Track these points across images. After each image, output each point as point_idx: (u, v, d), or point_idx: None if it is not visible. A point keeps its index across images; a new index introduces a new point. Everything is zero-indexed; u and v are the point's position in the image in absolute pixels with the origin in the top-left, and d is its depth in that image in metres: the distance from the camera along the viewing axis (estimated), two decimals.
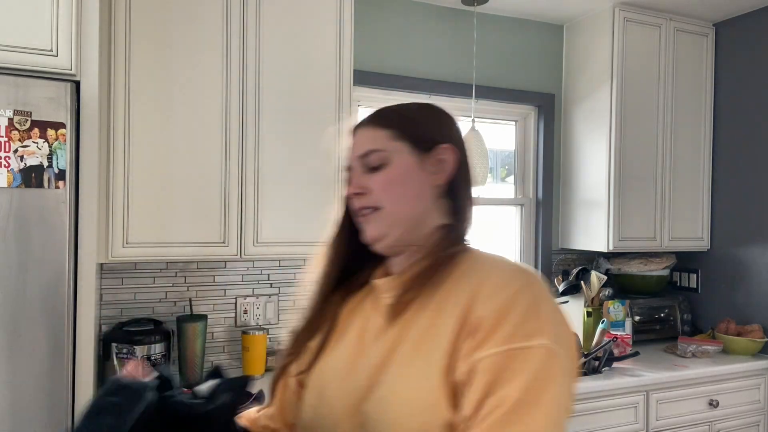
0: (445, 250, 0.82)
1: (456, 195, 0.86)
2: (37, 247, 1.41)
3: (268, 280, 2.36)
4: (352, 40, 2.15)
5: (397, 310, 0.79)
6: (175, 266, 2.20)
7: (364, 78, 2.49)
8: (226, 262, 2.27)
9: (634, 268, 2.86)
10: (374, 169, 0.84)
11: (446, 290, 0.77)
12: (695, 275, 2.93)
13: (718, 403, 2.41)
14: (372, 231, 0.84)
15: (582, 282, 2.75)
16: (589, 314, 2.69)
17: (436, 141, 0.85)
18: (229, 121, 1.96)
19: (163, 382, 0.75)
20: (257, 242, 2.00)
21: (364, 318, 0.86)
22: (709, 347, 2.56)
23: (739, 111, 2.78)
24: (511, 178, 3.01)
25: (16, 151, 1.38)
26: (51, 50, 1.46)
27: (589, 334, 2.65)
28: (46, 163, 1.41)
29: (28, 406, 1.40)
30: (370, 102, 2.60)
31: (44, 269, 1.41)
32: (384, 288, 0.85)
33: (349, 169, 0.89)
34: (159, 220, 1.87)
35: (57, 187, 1.42)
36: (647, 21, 2.71)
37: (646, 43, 2.71)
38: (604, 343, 2.36)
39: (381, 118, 0.87)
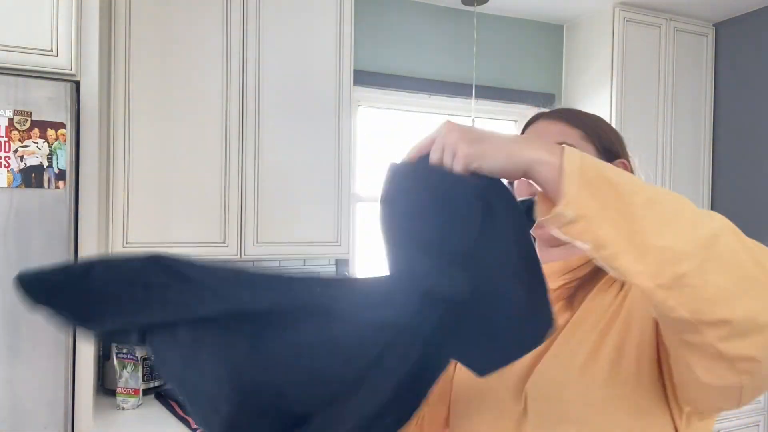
0: None
1: None
2: (37, 247, 1.40)
3: None
4: (352, 40, 2.15)
5: (578, 299, 0.83)
6: None
7: (364, 78, 2.49)
8: (226, 262, 2.27)
9: None
10: None
11: (609, 278, 0.83)
12: None
13: None
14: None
15: None
16: None
17: (616, 154, 0.89)
18: (229, 121, 1.96)
19: None
20: (257, 242, 2.00)
21: None
22: None
23: (739, 111, 2.78)
24: None
25: (16, 151, 1.38)
26: (51, 50, 1.46)
27: None
28: (46, 163, 1.41)
29: (28, 406, 1.40)
30: (370, 102, 2.60)
31: None
32: (549, 273, 0.88)
33: None
34: (159, 220, 1.87)
35: (57, 187, 1.42)
36: (647, 21, 2.71)
37: (646, 43, 2.71)
38: None
39: (571, 117, 0.89)
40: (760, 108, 2.69)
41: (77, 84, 1.49)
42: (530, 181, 0.60)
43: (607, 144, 0.88)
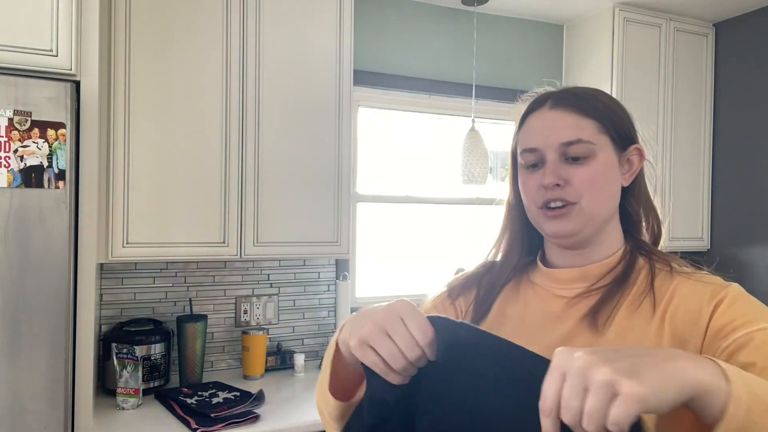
0: (635, 256, 0.82)
1: (637, 197, 0.85)
2: (37, 247, 1.41)
3: (268, 280, 2.36)
4: (352, 40, 2.15)
5: (602, 317, 0.76)
6: (175, 266, 2.20)
7: (364, 78, 2.49)
8: (226, 262, 2.27)
9: None
10: (574, 159, 0.78)
11: (636, 293, 0.77)
12: None
13: None
14: (565, 226, 0.79)
15: None
16: None
17: (630, 139, 0.83)
18: (229, 121, 1.96)
19: None
20: (257, 242, 2.00)
21: (529, 308, 0.84)
22: None
23: (739, 111, 2.78)
24: None
25: (16, 151, 1.38)
26: (51, 50, 1.46)
27: None
28: (46, 163, 1.40)
29: (28, 406, 1.40)
30: (370, 102, 2.60)
31: (44, 269, 1.41)
32: (565, 279, 0.83)
33: (536, 152, 0.81)
34: (159, 220, 1.87)
35: (57, 187, 1.42)
36: (647, 21, 2.71)
37: (646, 43, 2.71)
38: None
39: (586, 106, 0.81)
40: (760, 108, 2.69)
41: (77, 84, 1.49)
42: None
43: (622, 131, 0.82)
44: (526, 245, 0.91)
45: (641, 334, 0.73)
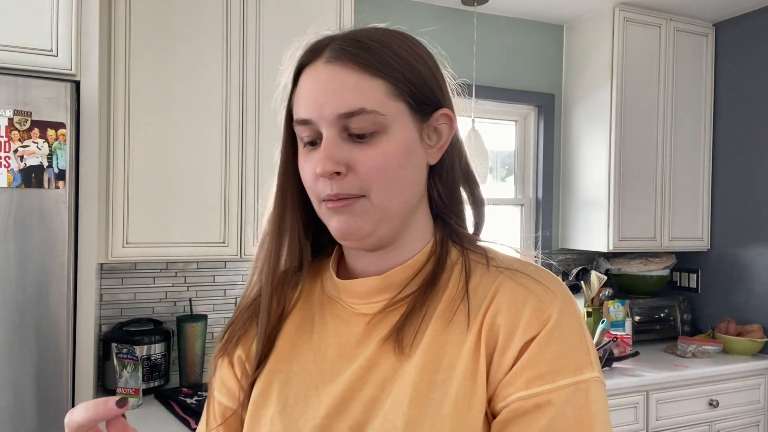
0: (446, 249, 0.64)
1: (446, 178, 0.67)
2: (37, 247, 1.41)
3: None
4: None
5: (408, 335, 0.59)
6: (175, 266, 2.20)
7: None
8: (226, 262, 2.27)
9: (634, 268, 2.86)
10: (359, 137, 0.58)
11: (449, 298, 0.61)
12: (695, 275, 2.93)
13: (718, 403, 2.40)
14: (351, 225, 0.60)
15: (582, 282, 2.75)
16: (589, 314, 2.69)
17: (437, 104, 0.64)
18: (229, 121, 1.96)
19: None
20: (257, 242, 2.00)
21: (327, 335, 0.66)
22: (709, 347, 2.56)
23: (739, 111, 2.78)
24: (511, 178, 3.01)
25: (16, 151, 1.38)
26: (51, 50, 1.46)
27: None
28: (46, 163, 1.41)
29: (28, 406, 1.40)
30: None
31: (44, 269, 1.41)
32: (365, 292, 0.64)
33: (310, 125, 0.60)
34: (159, 220, 1.87)
35: (57, 187, 1.42)
36: (647, 21, 2.71)
37: (646, 43, 2.71)
38: (604, 343, 2.36)
39: (371, 60, 0.59)
40: (760, 108, 2.69)
41: (77, 84, 1.49)
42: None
43: (423, 92, 0.62)
44: (308, 244, 0.71)
45: (455, 354, 0.57)
